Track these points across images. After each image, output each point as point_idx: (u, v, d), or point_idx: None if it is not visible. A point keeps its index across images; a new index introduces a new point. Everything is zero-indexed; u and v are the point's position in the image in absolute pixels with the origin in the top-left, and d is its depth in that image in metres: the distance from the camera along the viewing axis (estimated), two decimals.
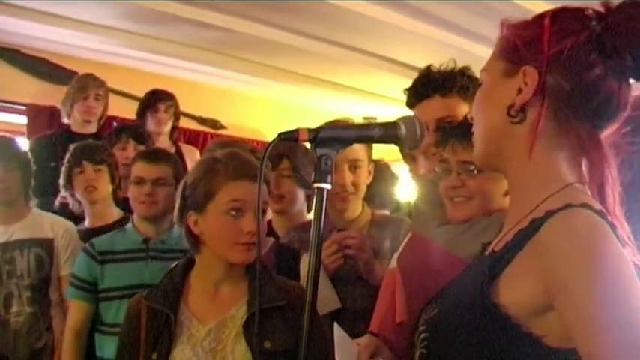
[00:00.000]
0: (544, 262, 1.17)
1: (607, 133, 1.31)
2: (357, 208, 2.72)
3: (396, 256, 2.04)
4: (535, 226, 1.22)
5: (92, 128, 4.48)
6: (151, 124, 4.58)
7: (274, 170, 2.90)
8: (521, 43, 1.32)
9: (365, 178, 2.69)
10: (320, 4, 4.28)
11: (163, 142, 4.64)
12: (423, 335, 1.37)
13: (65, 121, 4.56)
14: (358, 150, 2.60)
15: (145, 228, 3.07)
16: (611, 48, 1.25)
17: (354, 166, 2.61)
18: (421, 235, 1.94)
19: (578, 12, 1.31)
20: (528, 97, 1.29)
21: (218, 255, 2.02)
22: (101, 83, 4.48)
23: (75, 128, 4.47)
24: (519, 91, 1.30)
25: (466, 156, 1.83)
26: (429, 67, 2.34)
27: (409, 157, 2.71)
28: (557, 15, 1.31)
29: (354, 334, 1.95)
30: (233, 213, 1.96)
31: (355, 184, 2.62)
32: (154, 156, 3.14)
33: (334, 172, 2.44)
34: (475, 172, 1.86)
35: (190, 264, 2.12)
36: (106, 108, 4.58)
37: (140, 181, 3.02)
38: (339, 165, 2.54)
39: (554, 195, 1.26)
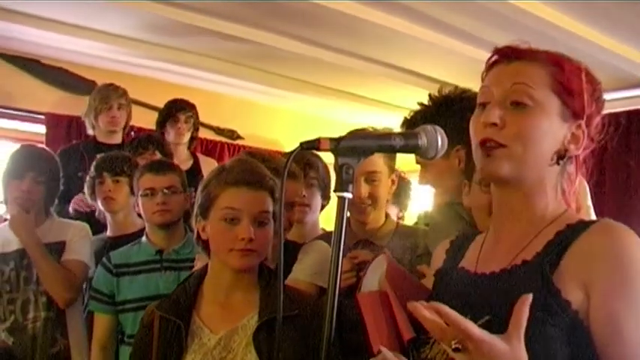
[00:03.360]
0: (588, 264, 1.28)
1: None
2: (378, 219, 2.70)
3: (369, 280, 2.01)
4: (565, 237, 1.34)
5: (117, 138, 4.51)
6: (170, 135, 4.59)
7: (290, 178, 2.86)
8: (588, 97, 1.42)
9: (385, 189, 2.66)
10: (341, 15, 4.27)
11: (182, 153, 4.65)
12: None
13: (90, 132, 4.58)
14: (375, 161, 2.57)
15: (158, 239, 3.09)
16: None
17: (371, 178, 2.58)
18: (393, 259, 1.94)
19: (594, 77, 1.46)
20: (579, 153, 1.43)
21: (220, 260, 2.02)
22: (123, 92, 4.50)
23: (100, 138, 4.49)
24: (569, 141, 1.41)
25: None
26: None
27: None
28: (588, 74, 1.44)
29: (356, 343, 1.93)
30: (229, 219, 1.96)
31: (372, 196, 2.60)
32: (161, 166, 3.17)
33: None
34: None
35: (205, 273, 2.12)
36: (129, 116, 4.60)
37: (151, 192, 3.04)
38: (355, 177, 2.50)
39: (563, 214, 1.42)
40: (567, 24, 4.20)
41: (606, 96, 1.50)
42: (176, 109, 4.64)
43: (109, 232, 3.59)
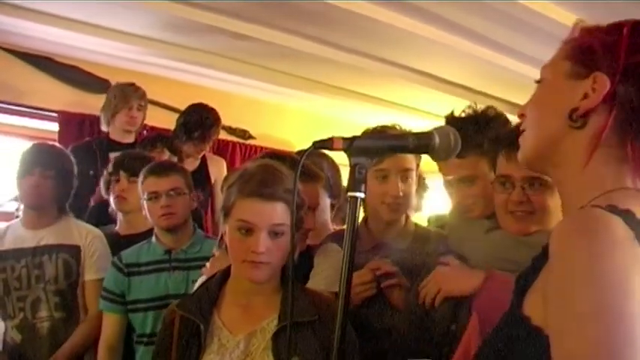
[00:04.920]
0: (546, 277, 1.14)
1: None
2: (403, 220, 2.63)
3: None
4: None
5: (131, 137, 4.54)
6: (188, 151, 4.57)
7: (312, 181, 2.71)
8: (598, 46, 1.26)
9: (414, 188, 2.60)
10: (353, 16, 4.26)
11: (188, 150, 4.64)
12: None
13: (104, 128, 4.60)
14: (410, 159, 2.51)
15: (167, 239, 3.09)
16: None
17: (406, 175, 2.51)
18: (499, 275, 1.90)
19: None
20: (596, 104, 1.22)
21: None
22: (143, 94, 4.54)
23: (114, 136, 4.52)
24: (585, 96, 1.24)
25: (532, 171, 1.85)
26: None
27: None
28: (638, 27, 1.26)
29: (378, 352, 1.91)
30: (243, 231, 1.94)
31: (405, 195, 2.52)
32: (163, 169, 3.16)
33: (383, 181, 2.41)
34: (540, 186, 1.93)
35: (228, 274, 2.11)
36: (144, 118, 4.62)
37: (155, 196, 3.04)
38: (389, 174, 2.48)
39: (598, 197, 1.18)
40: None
41: None
42: (209, 126, 4.65)
43: (118, 228, 3.61)
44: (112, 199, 3.57)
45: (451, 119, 2.34)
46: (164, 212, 3.03)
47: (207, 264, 2.54)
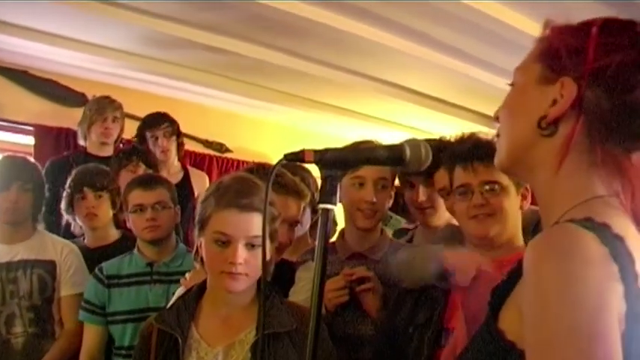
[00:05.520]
0: (522, 292, 1.11)
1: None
2: (378, 230, 2.66)
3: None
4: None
5: (109, 151, 4.50)
6: (156, 153, 4.53)
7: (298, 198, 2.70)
8: (564, 50, 1.21)
9: (389, 198, 2.64)
10: (327, 29, 4.29)
11: (172, 167, 4.64)
12: None
13: (81, 142, 4.58)
14: (385, 168, 2.54)
15: (150, 252, 3.07)
16: None
17: (381, 184, 2.54)
18: (488, 273, 1.93)
19: (629, 26, 1.21)
20: (563, 112, 1.18)
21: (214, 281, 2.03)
22: (118, 106, 4.52)
23: (91, 150, 4.50)
24: (554, 102, 1.20)
25: (489, 175, 2.06)
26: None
27: (408, 184, 2.74)
28: (607, 26, 1.21)
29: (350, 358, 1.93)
30: (219, 242, 1.95)
31: (380, 202, 2.55)
32: (149, 181, 3.14)
33: (359, 189, 2.45)
34: (497, 189, 2.08)
35: (205, 287, 2.11)
36: (122, 130, 4.62)
37: (140, 208, 3.03)
38: (365, 182, 2.52)
39: (575, 207, 1.15)
40: None
41: None
42: (150, 127, 4.60)
43: (87, 242, 3.57)
44: (78, 217, 3.52)
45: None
46: (149, 225, 3.02)
47: (187, 275, 2.55)
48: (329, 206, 1.34)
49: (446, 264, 2.01)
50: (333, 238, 2.70)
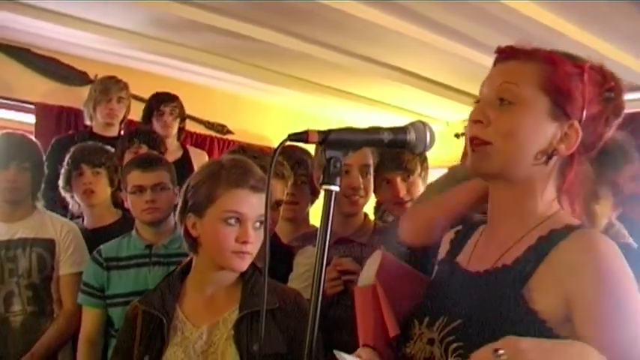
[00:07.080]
0: (567, 277, 1.30)
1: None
2: (362, 215, 2.72)
3: (364, 274, 2.03)
4: (546, 243, 1.36)
5: (114, 131, 4.52)
6: (157, 128, 4.55)
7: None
8: (573, 93, 1.38)
9: (372, 183, 2.68)
10: (333, 12, 4.26)
11: (171, 145, 4.62)
12: (454, 345, 1.38)
13: (87, 122, 4.61)
14: (369, 155, 2.61)
15: (148, 234, 3.04)
16: (614, 119, 1.44)
17: (366, 171, 2.60)
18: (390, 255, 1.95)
19: (604, 78, 1.42)
20: (572, 152, 1.41)
21: (213, 259, 2.02)
22: (124, 86, 4.52)
23: (97, 130, 4.51)
24: (561, 140, 1.40)
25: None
26: None
27: (383, 181, 2.75)
28: (592, 75, 1.40)
29: (337, 342, 1.92)
30: (231, 221, 1.96)
31: (366, 189, 2.62)
32: (149, 162, 3.08)
33: (345, 176, 2.46)
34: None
35: (188, 268, 2.13)
36: (127, 111, 4.63)
37: (140, 189, 2.99)
38: (351, 169, 2.56)
39: (553, 216, 1.42)
40: (563, 27, 4.21)
41: None
42: (159, 102, 4.63)
43: (86, 224, 3.56)
44: (76, 194, 3.51)
45: None
46: (148, 207, 2.98)
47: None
48: (332, 187, 1.34)
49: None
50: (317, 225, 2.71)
